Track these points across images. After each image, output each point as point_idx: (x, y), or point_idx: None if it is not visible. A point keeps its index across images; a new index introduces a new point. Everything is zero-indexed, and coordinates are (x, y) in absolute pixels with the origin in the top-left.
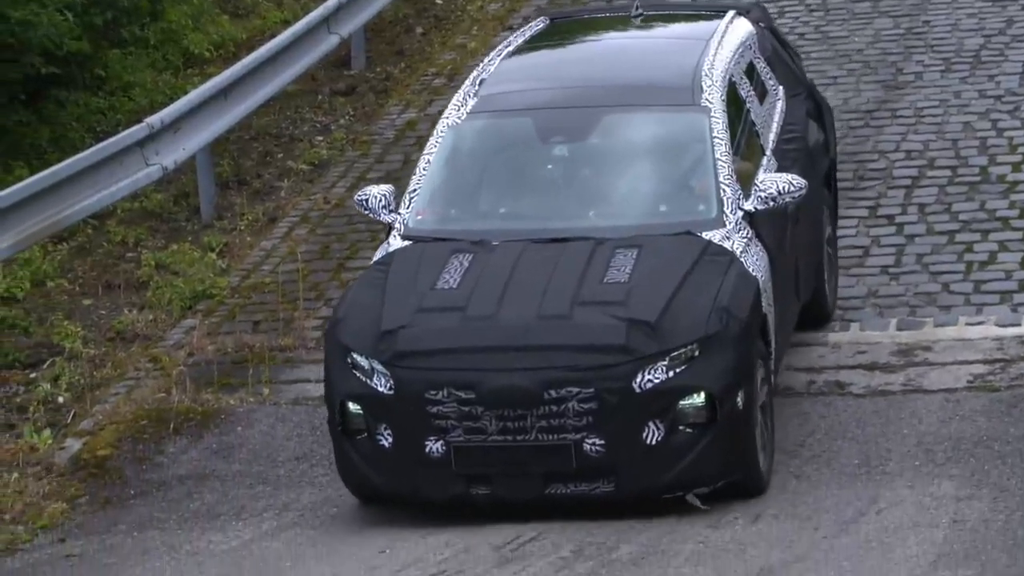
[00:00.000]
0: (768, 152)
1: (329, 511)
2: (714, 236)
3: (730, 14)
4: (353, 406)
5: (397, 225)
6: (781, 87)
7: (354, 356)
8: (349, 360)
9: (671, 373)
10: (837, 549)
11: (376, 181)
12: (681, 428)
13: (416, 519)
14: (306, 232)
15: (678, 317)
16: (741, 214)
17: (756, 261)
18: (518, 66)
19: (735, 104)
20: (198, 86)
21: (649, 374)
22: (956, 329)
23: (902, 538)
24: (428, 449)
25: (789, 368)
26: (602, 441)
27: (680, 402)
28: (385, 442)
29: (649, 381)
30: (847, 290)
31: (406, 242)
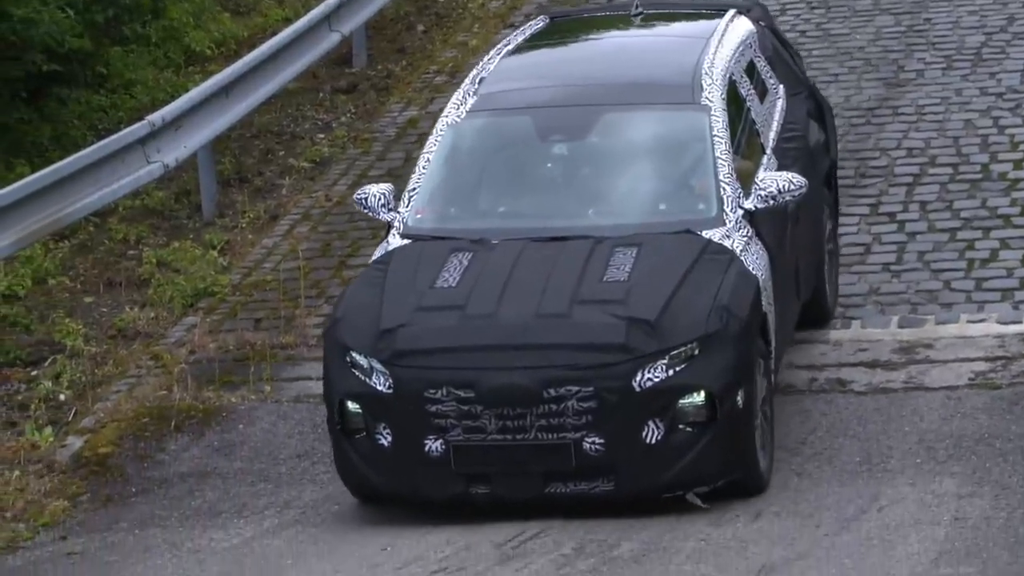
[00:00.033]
0: (768, 151)
1: (330, 509)
2: (714, 235)
3: (730, 13)
4: (352, 405)
5: (396, 224)
6: (781, 86)
7: (353, 355)
8: (348, 359)
9: (671, 372)
10: (838, 547)
11: (377, 179)
12: (681, 427)
13: (417, 517)
14: (307, 230)
15: (678, 316)
16: (741, 213)
17: (756, 260)
18: (518, 65)
19: (735, 103)
20: (199, 84)
21: (649, 373)
22: (957, 327)
23: (903, 536)
24: (427, 448)
25: (790, 365)
26: (602, 440)
27: (680, 401)
28: (384, 441)
29: (649, 380)
30: (848, 287)
31: (405, 241)
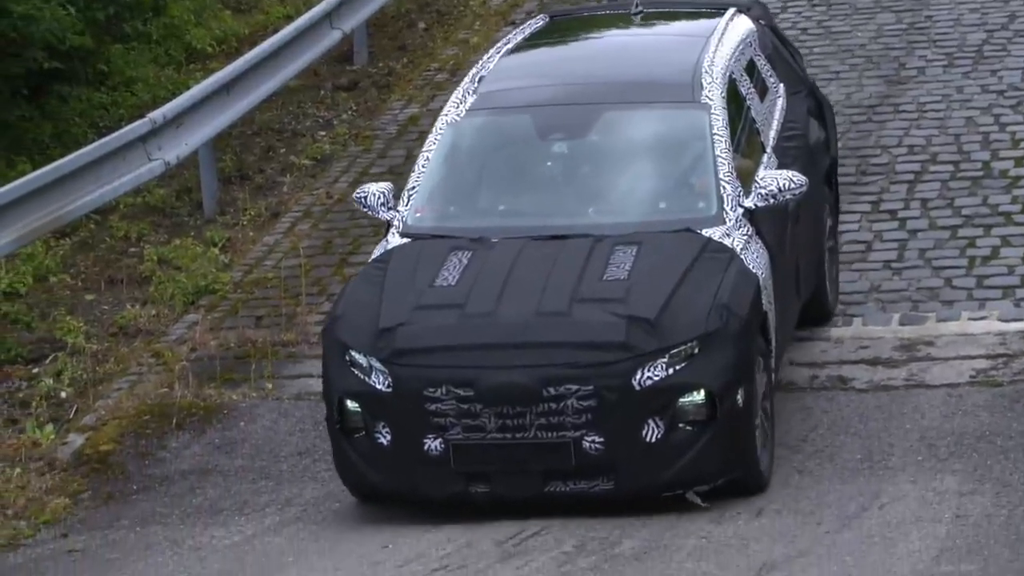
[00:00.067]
0: (768, 149)
1: (331, 506)
2: (714, 233)
3: (730, 11)
4: (351, 404)
5: (396, 222)
6: (782, 85)
7: (352, 354)
8: (347, 358)
9: (671, 370)
10: (840, 544)
11: (378, 176)
12: (681, 426)
13: (418, 514)
14: (308, 227)
15: (678, 314)
16: (741, 211)
17: (756, 258)
18: (517, 63)
19: (735, 101)
20: (200, 81)
21: (649, 371)
22: (959, 324)
23: (904, 533)
24: (427, 447)
25: (792, 363)
26: (601, 439)
27: (680, 399)
28: (383, 440)
29: (649, 378)
30: (849, 285)
31: (405, 239)
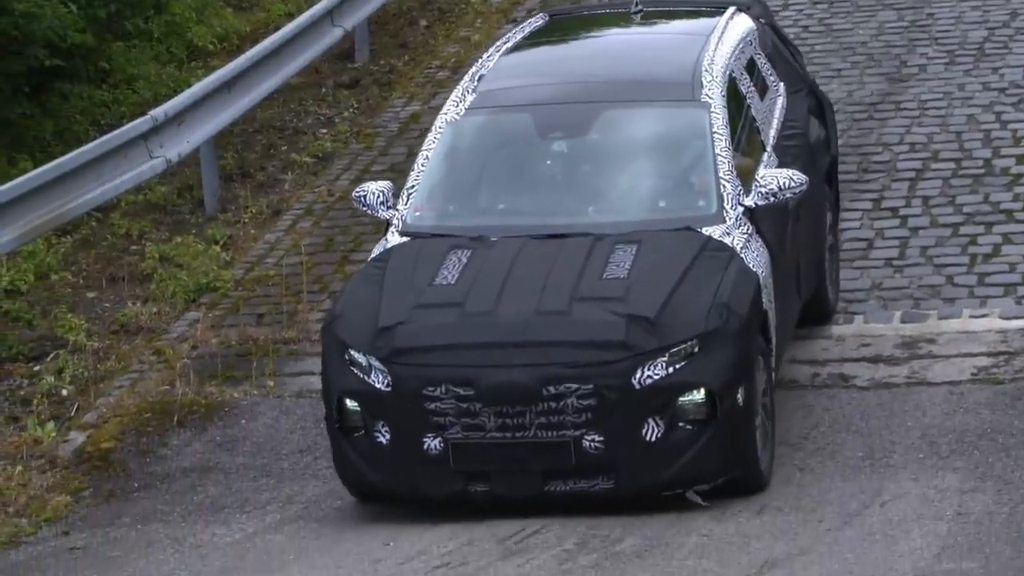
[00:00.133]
0: (769, 148)
1: (333, 504)
2: (714, 232)
3: (730, 10)
4: (350, 403)
5: (395, 221)
6: (782, 83)
7: (351, 352)
8: (346, 357)
9: (671, 369)
10: (841, 541)
11: (380, 173)
12: (681, 425)
13: (419, 512)
14: (310, 225)
15: (678, 313)
16: (741, 210)
17: (756, 257)
18: (517, 62)
19: (735, 100)
20: (202, 79)
21: (649, 370)
22: (960, 322)
23: (906, 531)
24: (426, 446)
25: (793, 360)
26: (601, 438)
27: (680, 398)
28: (383, 439)
29: (648, 377)
30: (851, 282)
31: (404, 238)
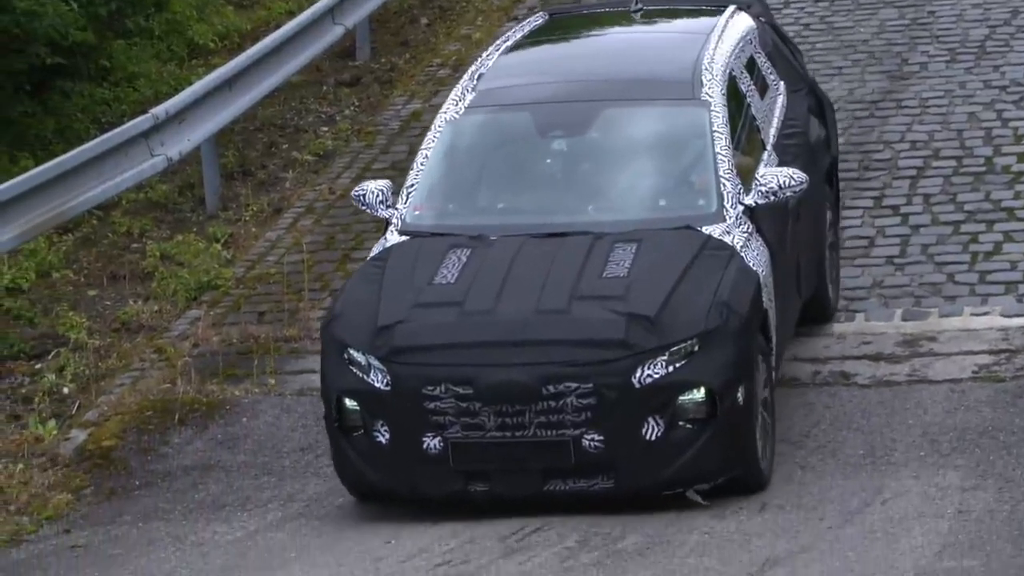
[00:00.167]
0: (769, 147)
1: (334, 502)
2: (714, 231)
3: (730, 9)
4: (350, 402)
5: (394, 220)
6: (782, 82)
7: (351, 352)
8: (346, 356)
9: (671, 368)
10: (842, 539)
11: (381, 171)
12: (681, 424)
13: (421, 511)
14: (311, 223)
15: (678, 312)
16: (741, 209)
17: (756, 256)
18: (517, 61)
19: (735, 99)
20: (203, 77)
21: (648, 369)
22: (961, 319)
23: (907, 528)
24: (426, 446)
25: (794, 358)
26: (601, 437)
27: (680, 397)
28: (382, 438)
29: (648, 376)
30: (852, 280)
31: (403, 237)
